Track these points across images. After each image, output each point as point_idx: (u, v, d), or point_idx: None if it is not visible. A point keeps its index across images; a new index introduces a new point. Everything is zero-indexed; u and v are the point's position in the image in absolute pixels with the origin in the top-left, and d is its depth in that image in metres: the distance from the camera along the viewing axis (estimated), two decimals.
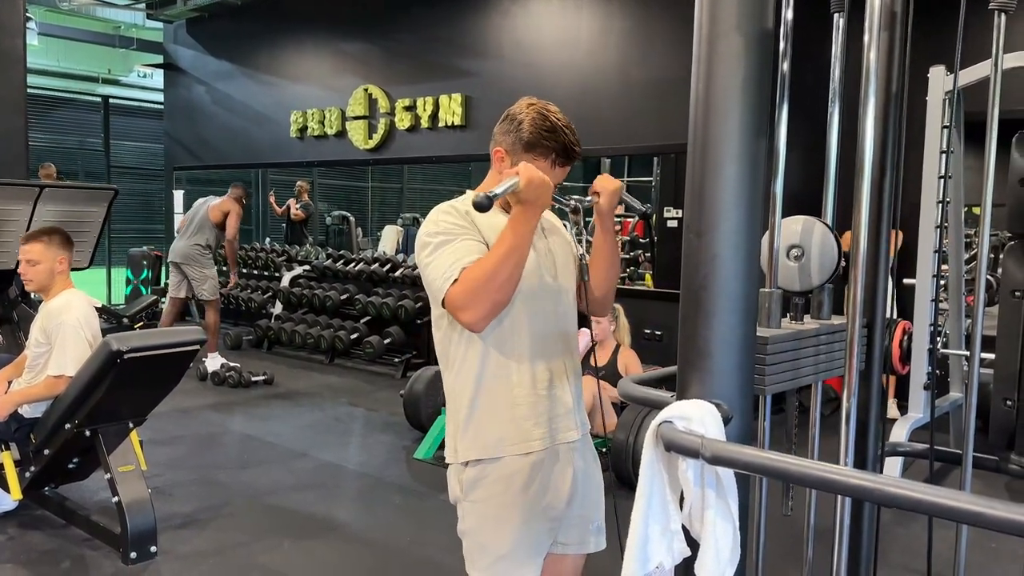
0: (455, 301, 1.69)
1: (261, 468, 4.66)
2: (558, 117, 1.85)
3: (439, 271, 1.72)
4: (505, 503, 1.79)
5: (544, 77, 7.04)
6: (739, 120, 1.32)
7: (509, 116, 1.88)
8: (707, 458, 1.12)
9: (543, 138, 1.80)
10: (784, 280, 1.59)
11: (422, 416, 5.05)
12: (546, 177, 1.70)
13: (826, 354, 1.62)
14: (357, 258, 8.20)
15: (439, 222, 1.79)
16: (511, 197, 1.68)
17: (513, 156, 1.84)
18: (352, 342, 7.50)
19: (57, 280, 3.51)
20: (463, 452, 1.83)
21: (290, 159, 9.46)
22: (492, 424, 1.80)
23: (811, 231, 1.60)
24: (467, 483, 1.82)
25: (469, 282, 1.68)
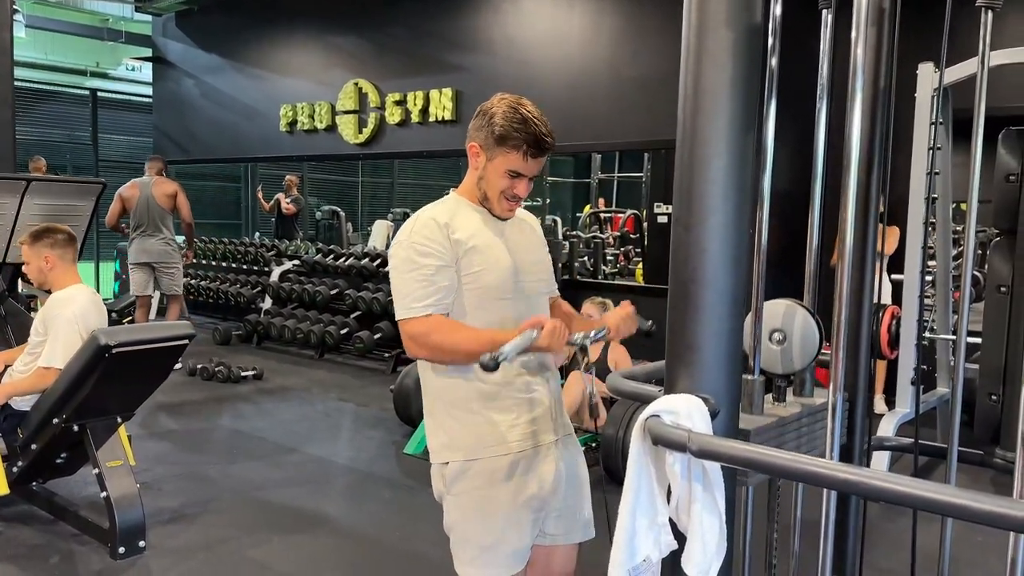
0: (408, 332, 1.78)
1: (250, 463, 4.65)
2: (529, 110, 1.85)
3: (404, 291, 1.79)
4: (488, 496, 1.81)
5: (535, 73, 7.04)
6: (727, 115, 1.32)
7: (482, 111, 1.89)
8: (694, 452, 1.13)
9: (514, 131, 1.81)
10: (767, 363, 1.60)
11: (412, 411, 5.05)
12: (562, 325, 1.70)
13: (807, 436, 1.63)
14: (347, 253, 8.18)
15: (414, 234, 1.82)
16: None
17: (487, 151, 1.85)
18: (342, 337, 7.49)
19: (53, 277, 3.51)
20: (442, 453, 1.85)
21: (280, 153, 9.42)
22: (469, 425, 1.82)
23: (793, 315, 1.60)
24: (449, 478, 1.83)
25: (430, 333, 1.75)
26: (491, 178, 1.85)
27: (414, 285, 1.77)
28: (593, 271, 8.90)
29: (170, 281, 6.82)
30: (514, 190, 1.86)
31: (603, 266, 9.28)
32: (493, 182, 1.85)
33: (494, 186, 1.86)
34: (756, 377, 1.53)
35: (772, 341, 1.60)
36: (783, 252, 7.12)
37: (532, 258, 1.95)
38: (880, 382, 6.20)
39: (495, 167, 1.84)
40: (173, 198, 6.86)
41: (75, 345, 3.35)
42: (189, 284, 9.29)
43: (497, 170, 1.84)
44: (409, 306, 1.78)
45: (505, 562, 1.82)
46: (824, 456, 1.56)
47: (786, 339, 1.59)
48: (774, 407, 1.59)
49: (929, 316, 4.97)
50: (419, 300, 1.77)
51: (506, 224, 1.93)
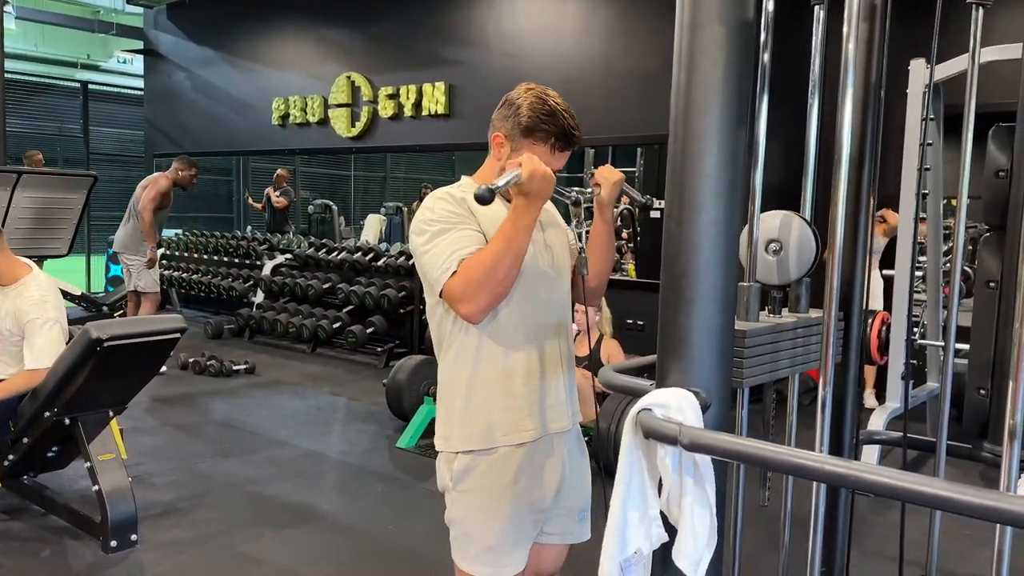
0: (454, 293, 1.70)
1: (242, 457, 4.65)
2: (557, 101, 1.83)
3: (437, 261, 1.72)
4: (494, 495, 1.80)
5: (528, 67, 7.04)
6: (720, 110, 1.33)
7: (507, 101, 1.86)
8: (685, 445, 1.14)
9: (542, 122, 1.79)
10: (762, 274, 1.60)
11: (405, 405, 5.06)
12: (549, 170, 1.69)
13: (803, 347, 1.63)
14: (340, 247, 8.17)
15: (435, 209, 1.78)
16: (512, 189, 1.68)
17: (512, 142, 1.82)
18: (334, 331, 7.48)
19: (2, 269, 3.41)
20: (455, 441, 1.83)
21: (272, 147, 9.40)
22: (485, 413, 1.80)
23: (789, 225, 1.61)
24: (457, 472, 1.82)
25: (468, 275, 1.68)
26: (508, 166, 1.82)
27: (442, 251, 1.71)
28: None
29: (135, 278, 6.48)
30: None
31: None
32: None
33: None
34: (752, 283, 1.53)
35: (768, 251, 1.60)
36: None
37: (552, 248, 1.90)
38: (870, 377, 6.24)
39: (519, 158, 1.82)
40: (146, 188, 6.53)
41: (60, 343, 3.34)
42: (181, 278, 9.27)
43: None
44: (443, 269, 1.70)
45: (508, 562, 1.81)
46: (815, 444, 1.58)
47: (782, 249, 1.59)
48: (769, 318, 1.60)
49: (920, 312, 5.00)
50: (449, 259, 1.70)
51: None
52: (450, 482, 1.84)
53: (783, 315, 1.64)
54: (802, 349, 1.63)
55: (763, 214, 1.60)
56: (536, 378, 1.84)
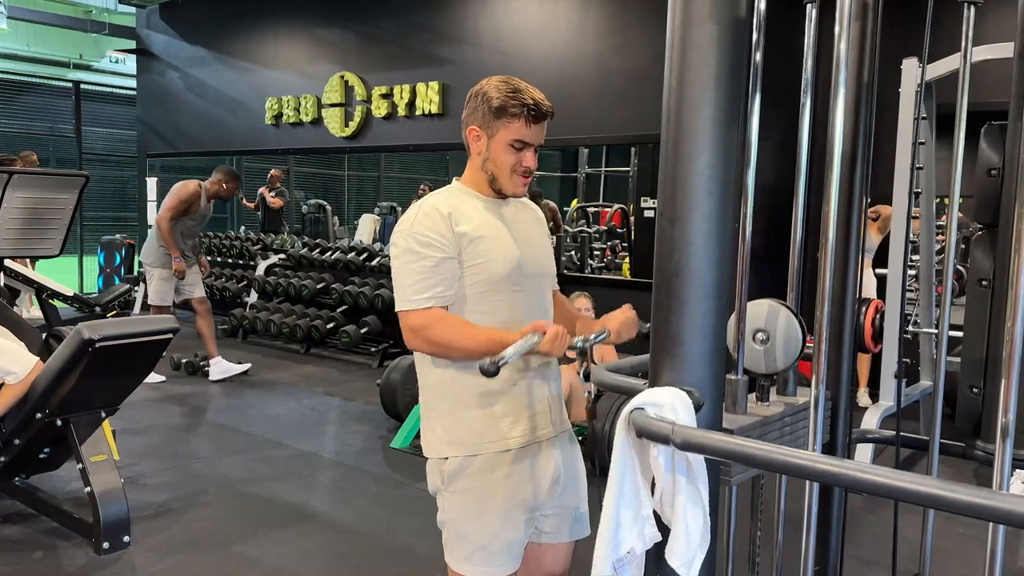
0: (408, 323, 1.77)
1: (235, 457, 4.64)
2: (518, 80, 1.85)
3: (405, 282, 1.77)
4: (486, 494, 1.80)
5: (522, 66, 7.03)
6: (712, 108, 1.33)
7: (472, 94, 1.88)
8: (677, 444, 1.13)
9: (511, 100, 1.80)
10: (750, 363, 1.61)
11: (399, 405, 5.05)
12: (564, 349, 1.70)
13: (790, 435, 1.63)
14: (334, 247, 8.16)
15: (416, 224, 1.79)
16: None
17: (487, 129, 1.83)
18: (328, 331, 7.47)
19: None
20: (440, 448, 1.83)
21: (265, 147, 9.37)
22: (468, 420, 1.81)
23: (776, 316, 1.60)
24: (448, 474, 1.82)
25: (431, 327, 1.74)
26: (497, 156, 1.82)
27: (415, 276, 1.75)
28: (580, 265, 8.91)
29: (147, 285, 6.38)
30: (523, 163, 1.83)
31: (590, 260, 9.30)
32: (500, 159, 1.82)
33: (502, 164, 1.82)
34: (740, 377, 1.54)
35: (755, 341, 1.61)
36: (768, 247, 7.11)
37: (537, 249, 1.92)
38: (864, 376, 6.25)
39: (498, 143, 1.81)
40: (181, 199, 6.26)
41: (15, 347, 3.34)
42: None
43: (501, 145, 1.81)
44: (409, 298, 1.75)
45: (501, 561, 1.81)
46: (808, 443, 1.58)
47: (769, 339, 1.60)
48: (757, 407, 1.60)
49: (913, 310, 5.01)
50: (419, 292, 1.74)
51: (511, 213, 1.90)
52: (441, 484, 1.84)
53: (771, 400, 1.64)
54: (789, 438, 1.62)
55: (750, 303, 1.60)
56: (522, 385, 1.84)
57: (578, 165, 12.27)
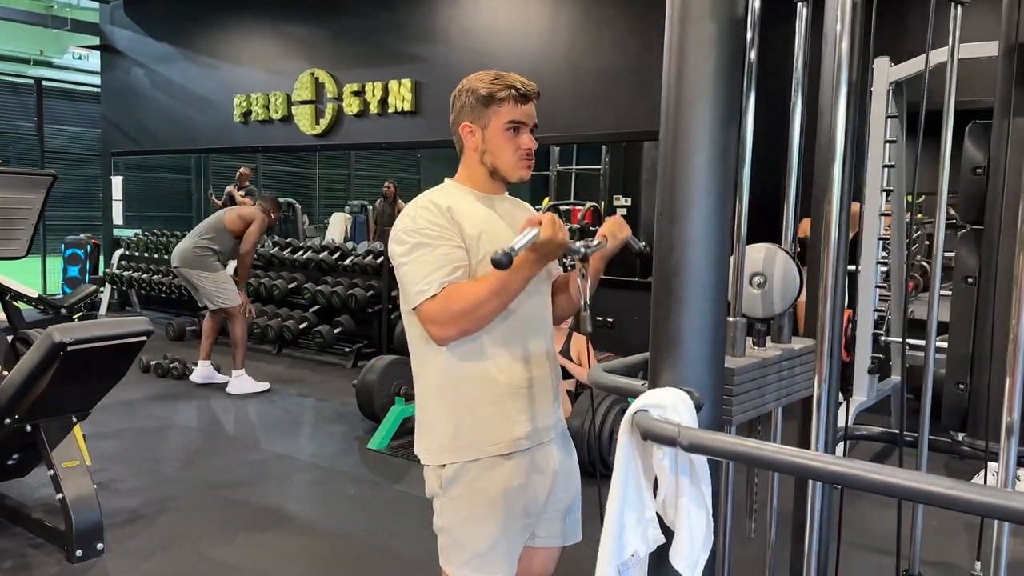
0: (428, 315, 1.69)
1: (209, 460, 4.57)
2: (496, 70, 1.87)
3: (415, 277, 1.71)
4: (485, 501, 1.77)
5: (494, 64, 6.93)
6: (711, 107, 1.32)
7: (456, 94, 1.88)
8: (684, 446, 1.12)
9: (496, 87, 1.81)
10: (747, 307, 1.61)
11: (375, 406, 5.00)
12: (564, 238, 1.68)
13: (787, 379, 1.63)
14: (305, 246, 8.07)
15: (417, 219, 1.76)
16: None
17: (479, 120, 1.82)
18: (301, 331, 7.39)
19: None
20: (440, 454, 1.79)
21: (234, 144, 9.23)
22: (472, 422, 1.77)
23: (773, 259, 1.61)
24: (447, 479, 1.78)
25: (447, 304, 1.67)
26: (495, 143, 1.80)
27: (422, 268, 1.70)
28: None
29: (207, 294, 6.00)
30: (522, 144, 1.81)
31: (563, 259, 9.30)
32: (498, 146, 1.81)
33: (502, 150, 1.81)
34: (739, 319, 1.54)
35: (752, 285, 1.61)
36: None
37: None
38: None
39: (493, 130, 1.80)
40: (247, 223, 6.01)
41: None
42: (141, 279, 9.09)
43: (497, 131, 1.79)
44: (420, 289, 1.69)
45: (498, 567, 1.78)
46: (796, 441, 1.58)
47: (766, 283, 1.60)
48: (754, 351, 1.60)
49: (885, 307, 5.07)
50: (429, 279, 1.69)
51: (506, 210, 1.88)
52: (439, 489, 1.80)
53: (767, 347, 1.64)
54: (787, 381, 1.62)
55: (748, 246, 1.60)
56: (523, 382, 1.81)
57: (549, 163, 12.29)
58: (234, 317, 6.05)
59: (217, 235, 5.95)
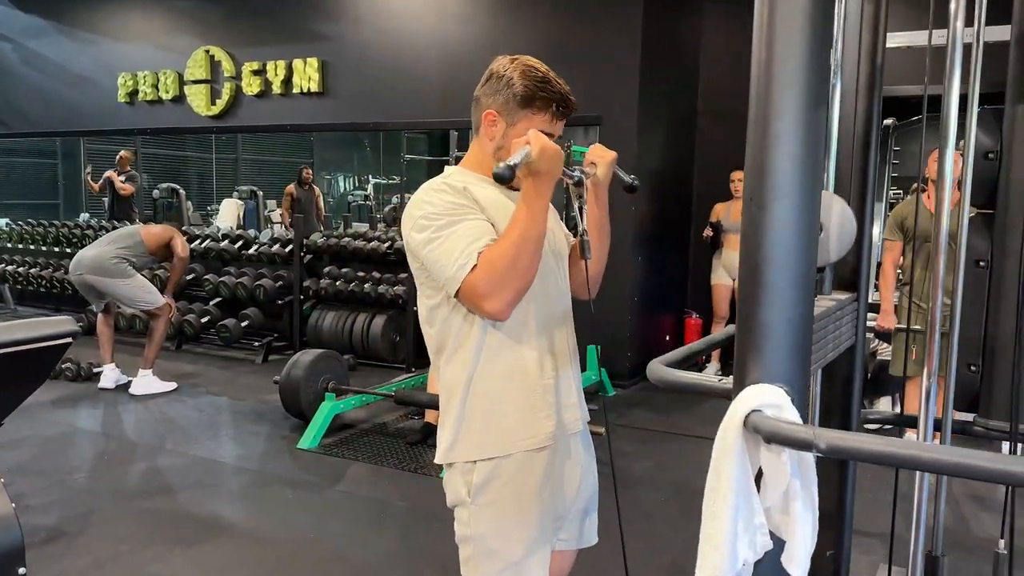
0: (476, 289, 1.55)
1: (125, 468, 4.23)
2: (546, 69, 1.73)
3: (450, 257, 1.57)
4: (518, 506, 1.66)
5: (408, 44, 6.78)
6: (803, 87, 1.25)
7: (494, 75, 1.74)
8: (822, 450, 1.05)
9: (540, 90, 1.68)
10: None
11: (302, 403, 4.75)
12: (557, 147, 1.59)
13: (836, 330, 1.60)
14: (203, 234, 7.61)
15: (436, 202, 1.63)
16: (520, 170, 1.55)
17: (507, 116, 1.70)
18: (203, 326, 6.98)
19: None
20: (467, 449, 1.67)
21: (119, 126, 8.61)
22: (500, 417, 1.66)
23: (830, 206, 1.57)
24: (477, 485, 1.66)
25: (491, 267, 1.54)
26: (513, 147, 1.69)
27: (455, 245, 1.56)
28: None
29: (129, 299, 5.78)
30: None
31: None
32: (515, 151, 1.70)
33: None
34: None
35: None
36: (666, 234, 7.18)
37: (555, 234, 1.80)
38: (717, 350, 6.50)
39: (518, 134, 1.67)
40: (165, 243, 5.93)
41: None
42: (16, 272, 8.37)
43: (520, 136, 1.67)
44: (460, 264, 1.55)
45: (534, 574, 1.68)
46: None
47: (823, 230, 1.56)
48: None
49: None
50: (466, 252, 1.55)
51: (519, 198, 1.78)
52: (467, 496, 1.67)
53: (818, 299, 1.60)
54: (835, 332, 1.59)
55: None
56: (550, 374, 1.72)
57: (448, 148, 12.10)
58: (159, 316, 5.80)
59: (134, 247, 5.74)
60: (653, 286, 6.35)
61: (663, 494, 3.99)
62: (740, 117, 3.70)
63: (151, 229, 5.99)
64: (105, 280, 5.58)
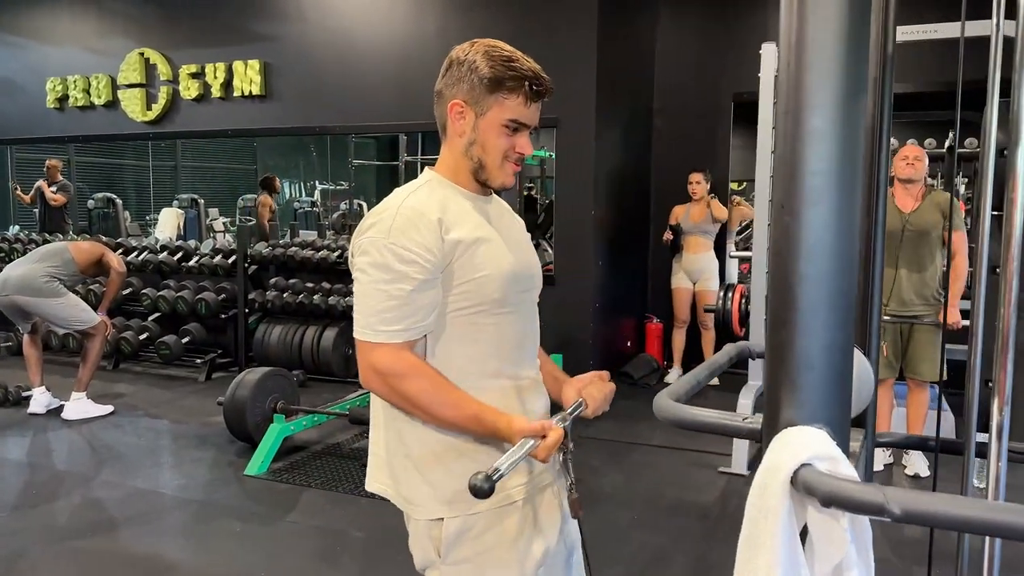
0: (373, 363, 1.42)
1: (56, 504, 3.89)
2: (512, 48, 1.53)
3: (375, 307, 1.41)
4: (497, 560, 1.44)
5: (356, 44, 6.51)
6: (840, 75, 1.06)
7: (454, 62, 1.53)
8: (897, 516, 0.85)
9: (508, 70, 1.47)
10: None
11: (248, 426, 4.45)
12: (560, 435, 1.41)
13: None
14: (141, 246, 7.21)
15: (402, 241, 1.41)
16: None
17: (476, 105, 1.49)
18: (141, 343, 6.60)
19: None
20: (431, 505, 1.45)
21: (48, 133, 8.14)
22: (461, 472, 1.44)
23: None
24: (447, 540, 1.44)
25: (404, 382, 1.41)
26: (487, 138, 1.49)
27: (387, 301, 1.39)
28: None
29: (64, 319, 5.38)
30: (517, 148, 1.51)
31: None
32: (490, 143, 1.49)
33: (493, 148, 1.49)
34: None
35: None
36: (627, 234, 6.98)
37: (527, 257, 1.60)
38: (708, 353, 6.39)
39: (489, 123, 1.48)
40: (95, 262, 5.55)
41: None
42: None
43: (493, 126, 1.48)
44: (376, 327, 1.39)
45: None
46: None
47: None
48: None
49: None
50: (390, 322, 1.39)
51: (496, 213, 1.58)
52: (437, 555, 1.45)
53: None
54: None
55: None
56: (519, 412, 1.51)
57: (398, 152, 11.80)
58: (95, 336, 5.40)
59: (64, 264, 5.36)
60: (614, 291, 6.18)
61: (634, 511, 3.80)
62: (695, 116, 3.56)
63: (80, 246, 5.63)
64: (36, 300, 5.21)
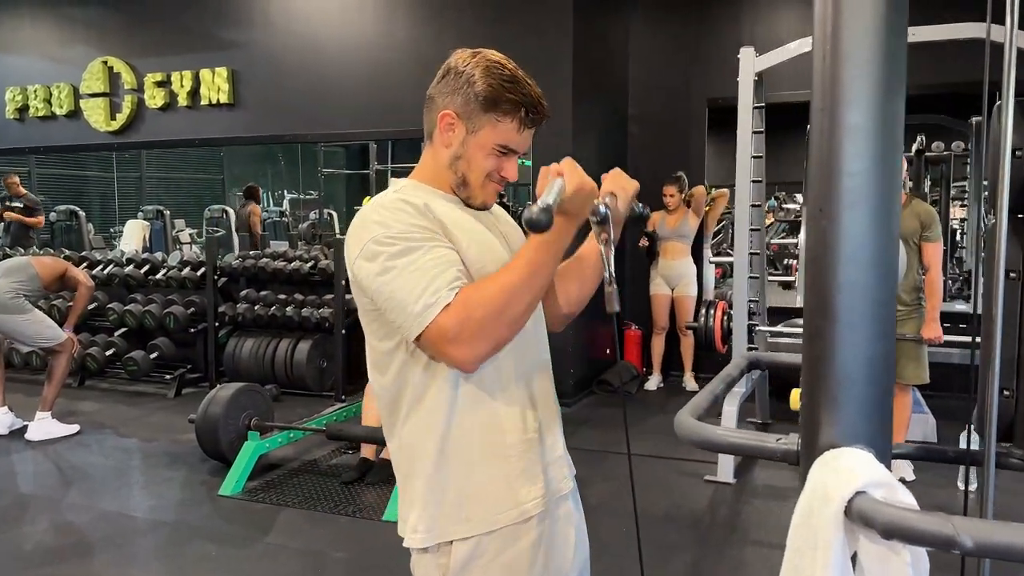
0: (446, 332, 1.24)
1: (21, 528, 3.71)
2: (515, 67, 1.43)
3: (412, 290, 1.25)
4: None
5: (325, 51, 6.39)
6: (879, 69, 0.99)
7: (451, 71, 1.42)
8: (968, 549, 0.77)
9: (507, 91, 1.38)
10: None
11: (222, 444, 4.30)
12: (593, 183, 1.32)
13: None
14: (106, 259, 7.01)
15: (390, 223, 1.30)
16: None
17: (468, 121, 1.39)
18: (108, 359, 6.39)
19: None
20: (443, 528, 1.35)
21: (7, 145, 7.91)
22: (477, 485, 1.35)
23: None
24: (455, 568, 1.34)
25: (467, 312, 1.24)
26: (473, 156, 1.39)
27: (420, 276, 1.26)
28: None
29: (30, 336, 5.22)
30: (503, 172, 1.42)
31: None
32: (476, 161, 1.40)
33: (479, 168, 1.40)
34: None
35: None
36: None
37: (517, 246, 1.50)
38: (688, 360, 6.34)
39: (479, 142, 1.38)
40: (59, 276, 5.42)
41: None
42: None
43: (483, 146, 1.39)
44: (428, 302, 1.24)
45: None
46: None
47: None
48: None
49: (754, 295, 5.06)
50: (434, 287, 1.25)
51: (485, 215, 1.48)
52: None
53: None
54: None
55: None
56: (533, 429, 1.42)
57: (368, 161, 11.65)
58: (61, 354, 5.23)
59: (29, 280, 5.22)
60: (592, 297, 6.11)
61: (624, 522, 3.72)
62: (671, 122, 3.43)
63: (43, 261, 5.47)
64: (1, 317, 5.04)
